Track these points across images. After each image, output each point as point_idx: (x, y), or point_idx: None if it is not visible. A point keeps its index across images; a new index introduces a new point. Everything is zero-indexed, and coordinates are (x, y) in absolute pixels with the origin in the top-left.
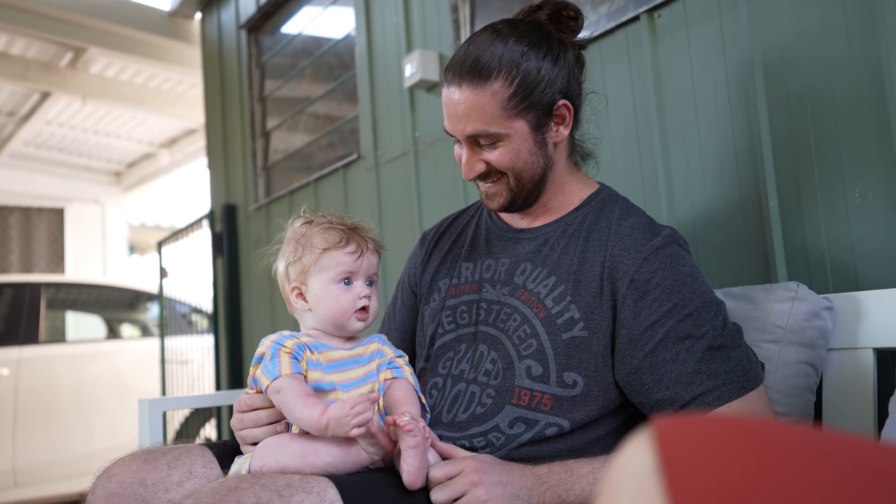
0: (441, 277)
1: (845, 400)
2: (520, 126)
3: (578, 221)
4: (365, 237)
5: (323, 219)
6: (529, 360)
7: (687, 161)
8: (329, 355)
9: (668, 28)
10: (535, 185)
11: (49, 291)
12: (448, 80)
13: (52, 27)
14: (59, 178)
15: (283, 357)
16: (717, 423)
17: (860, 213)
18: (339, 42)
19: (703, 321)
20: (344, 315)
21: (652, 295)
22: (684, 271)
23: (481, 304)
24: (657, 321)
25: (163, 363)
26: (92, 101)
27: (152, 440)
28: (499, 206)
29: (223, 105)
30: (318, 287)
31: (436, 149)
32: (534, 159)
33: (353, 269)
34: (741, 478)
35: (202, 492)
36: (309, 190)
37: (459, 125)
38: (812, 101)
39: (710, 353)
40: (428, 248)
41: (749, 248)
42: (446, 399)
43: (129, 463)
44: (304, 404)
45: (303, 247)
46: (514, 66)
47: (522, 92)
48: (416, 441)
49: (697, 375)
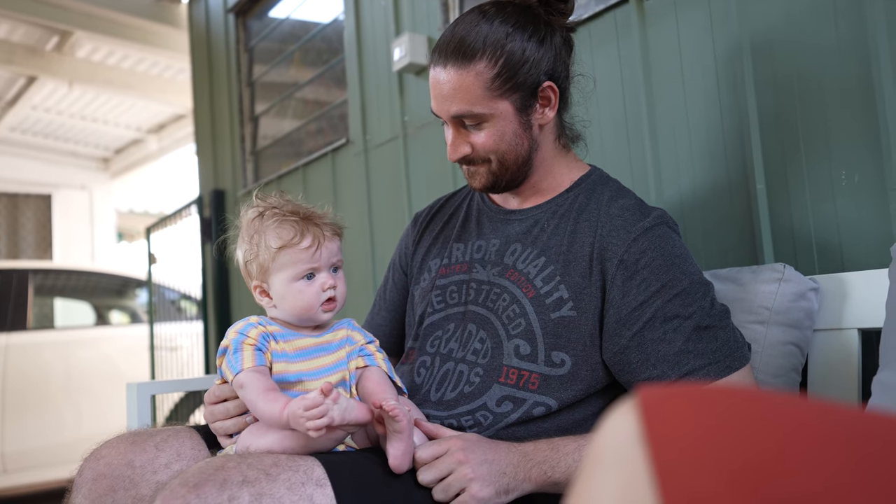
0: (432, 257)
1: (830, 380)
2: (504, 107)
3: (569, 203)
4: (321, 225)
5: (274, 210)
6: (518, 339)
7: (675, 144)
8: (296, 343)
9: (656, 11)
10: (520, 167)
11: (37, 278)
12: (434, 61)
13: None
14: (47, 163)
15: (247, 350)
16: (701, 392)
17: (846, 195)
18: (328, 26)
19: (690, 301)
20: (310, 310)
21: (641, 275)
22: (673, 252)
23: (471, 284)
24: (645, 301)
25: (152, 349)
26: (79, 86)
27: (141, 425)
28: (481, 185)
29: (211, 90)
30: (279, 285)
31: (425, 132)
32: (518, 141)
33: (312, 264)
34: (725, 445)
35: (189, 472)
36: (297, 175)
37: (444, 105)
38: (800, 84)
39: (698, 333)
40: (420, 228)
41: (736, 229)
42: (434, 378)
43: (116, 445)
44: (266, 399)
45: (257, 244)
46: (498, 46)
47: (507, 72)
48: (402, 426)
49: (685, 355)
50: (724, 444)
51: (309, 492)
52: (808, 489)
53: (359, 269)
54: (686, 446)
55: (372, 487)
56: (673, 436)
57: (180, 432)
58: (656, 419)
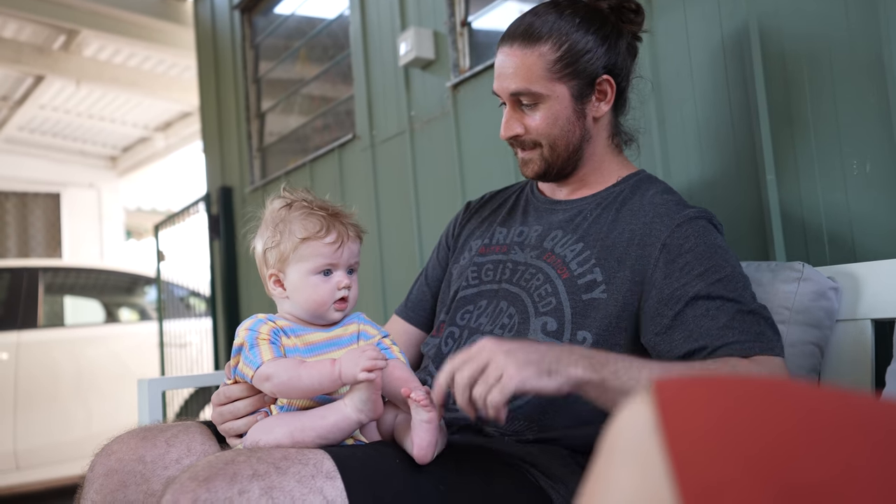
0: (474, 238)
1: (844, 370)
2: (561, 91)
3: (614, 196)
4: (346, 224)
5: (303, 202)
6: (546, 316)
7: (684, 135)
8: (306, 338)
9: (664, 2)
10: (570, 154)
11: (47, 276)
12: (501, 44)
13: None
14: (55, 162)
15: (263, 345)
16: (715, 382)
17: (858, 185)
18: (333, 22)
19: (733, 288)
20: (322, 306)
21: (684, 258)
22: (715, 242)
23: (507, 264)
24: (688, 282)
25: (161, 346)
26: (86, 85)
27: (152, 421)
28: (533, 173)
29: (217, 87)
30: (296, 277)
31: (431, 127)
32: (570, 128)
33: (333, 260)
34: (739, 434)
35: (198, 465)
36: (304, 171)
37: (504, 83)
38: (810, 72)
39: (742, 315)
40: (470, 212)
41: (746, 221)
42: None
43: (127, 440)
44: (307, 368)
45: (281, 233)
46: (563, 33)
47: (568, 58)
48: (431, 416)
49: (729, 330)
50: (738, 433)
51: (319, 484)
52: (823, 475)
53: (367, 264)
54: (701, 436)
55: (382, 480)
56: (688, 426)
57: (191, 427)
58: (671, 410)
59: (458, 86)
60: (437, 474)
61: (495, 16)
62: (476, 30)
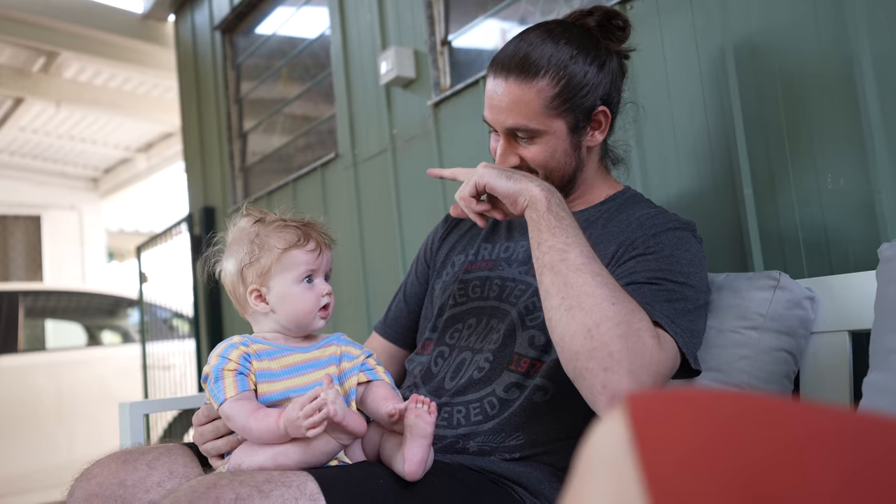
0: (457, 253)
1: (821, 382)
2: (558, 126)
3: (601, 213)
4: (320, 232)
5: (274, 216)
6: (534, 330)
7: (661, 150)
8: (283, 360)
9: (641, 18)
10: (564, 185)
11: (27, 300)
12: (495, 72)
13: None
14: (35, 184)
15: (227, 378)
16: (689, 397)
17: (833, 198)
18: (314, 41)
19: (679, 296)
20: (309, 314)
21: (645, 258)
22: (687, 255)
23: (495, 281)
24: (635, 271)
25: (144, 369)
26: (66, 107)
27: (133, 444)
28: None
29: (199, 107)
30: (281, 288)
31: (413, 145)
32: (567, 160)
33: (314, 266)
34: (713, 450)
35: (180, 490)
36: (287, 190)
37: (500, 117)
38: (783, 88)
39: (670, 296)
40: (449, 225)
41: (725, 233)
42: (450, 367)
43: (108, 464)
44: (256, 419)
45: (259, 247)
46: (561, 67)
47: (567, 93)
48: (427, 430)
49: (641, 296)
50: (711, 448)
51: None
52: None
53: (349, 281)
54: (675, 452)
55: (366, 501)
56: (662, 441)
57: (173, 449)
58: (645, 425)
59: (439, 104)
60: (423, 494)
61: (475, 34)
62: (456, 48)
